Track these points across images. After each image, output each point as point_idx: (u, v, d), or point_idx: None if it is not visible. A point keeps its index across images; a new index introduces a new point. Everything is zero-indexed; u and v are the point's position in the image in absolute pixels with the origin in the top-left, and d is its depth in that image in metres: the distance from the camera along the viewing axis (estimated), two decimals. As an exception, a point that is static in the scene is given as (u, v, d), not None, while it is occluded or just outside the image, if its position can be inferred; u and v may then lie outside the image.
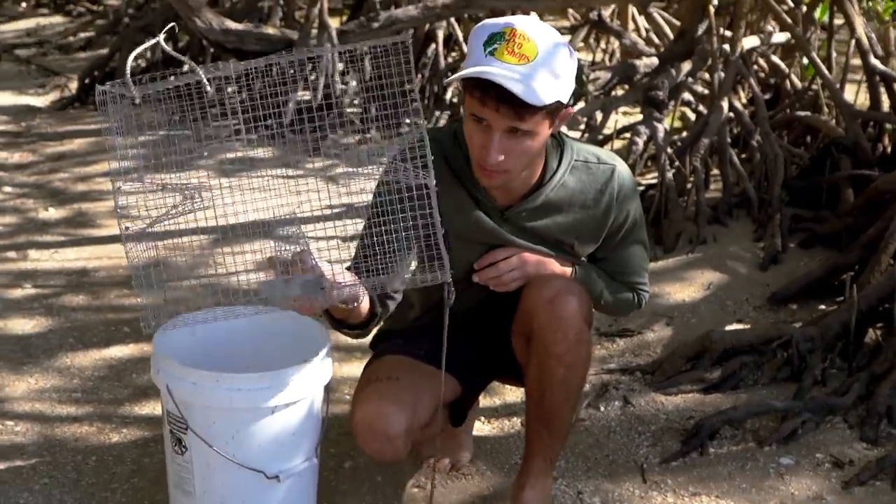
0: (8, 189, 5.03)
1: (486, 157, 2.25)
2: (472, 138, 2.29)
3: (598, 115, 4.59)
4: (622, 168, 2.51)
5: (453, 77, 2.31)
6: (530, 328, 2.46)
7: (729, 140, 4.61)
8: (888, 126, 4.48)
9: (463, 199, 2.41)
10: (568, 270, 2.51)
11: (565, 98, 2.27)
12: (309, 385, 2.38)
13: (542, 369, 2.46)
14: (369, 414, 2.37)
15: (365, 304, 2.33)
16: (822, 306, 3.71)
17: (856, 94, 5.00)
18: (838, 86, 4.58)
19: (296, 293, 2.11)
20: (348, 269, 2.36)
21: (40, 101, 6.62)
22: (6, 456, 2.87)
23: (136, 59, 2.15)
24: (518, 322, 2.51)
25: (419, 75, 6.39)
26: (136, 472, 2.80)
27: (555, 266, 2.49)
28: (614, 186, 2.48)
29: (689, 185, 4.32)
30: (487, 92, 2.17)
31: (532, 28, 2.22)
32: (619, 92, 5.01)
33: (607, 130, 4.89)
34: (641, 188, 4.53)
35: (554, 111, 2.26)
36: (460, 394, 2.64)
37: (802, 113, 4.85)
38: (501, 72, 2.16)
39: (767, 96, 5.38)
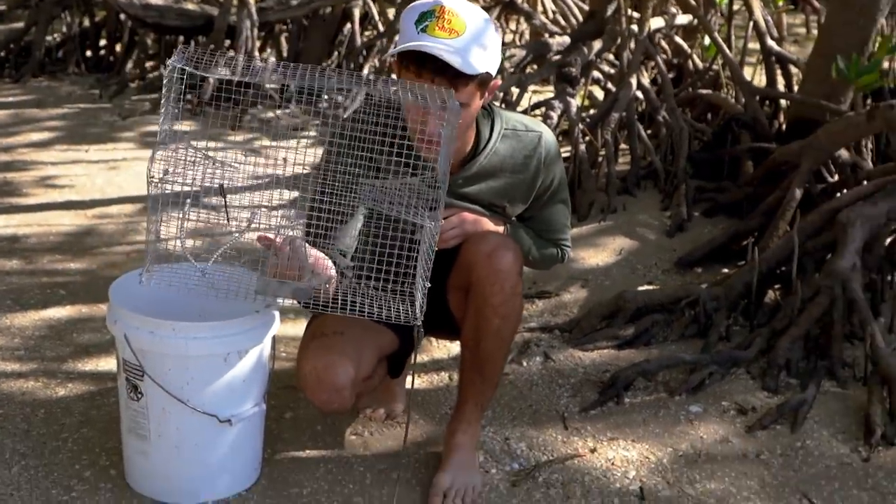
0: (-70, 159, 5.02)
1: (425, 129, 2.38)
2: (409, 112, 2.42)
3: (514, 91, 4.76)
4: (548, 134, 2.68)
5: (389, 52, 2.44)
6: (469, 281, 2.61)
7: (636, 116, 4.83)
8: (783, 103, 4.74)
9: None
10: (501, 228, 2.67)
11: (493, 69, 2.43)
12: (258, 335, 2.50)
13: (480, 319, 2.61)
14: (317, 366, 2.50)
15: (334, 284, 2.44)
16: (725, 269, 3.94)
17: (752, 74, 5.25)
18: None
19: (286, 295, 2.24)
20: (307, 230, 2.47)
21: (-46, 72, 6.56)
22: (-45, 409, 2.94)
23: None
24: (455, 276, 2.66)
25: (336, 52, 6.49)
26: (85, 422, 2.89)
27: (490, 224, 2.65)
28: (541, 151, 2.65)
29: (600, 158, 4.52)
30: (423, 65, 2.33)
31: (459, 5, 2.39)
32: (533, 69, 5.19)
33: (522, 105, 5.07)
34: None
35: (484, 82, 2.42)
36: (398, 347, 2.78)
37: (704, 91, 5.09)
38: (435, 45, 2.32)
39: (671, 75, 5.62)
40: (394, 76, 2.44)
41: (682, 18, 5.31)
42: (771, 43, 4.84)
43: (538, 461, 2.84)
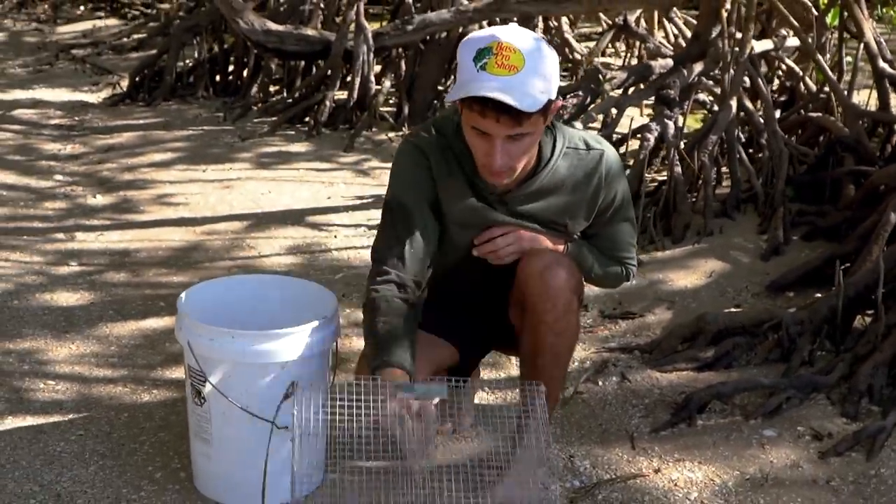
0: (59, 177, 5.28)
1: (492, 162, 2.42)
2: (475, 147, 2.45)
3: (613, 112, 4.75)
4: (609, 152, 2.68)
5: (452, 97, 2.39)
6: (524, 298, 2.63)
7: (742, 139, 4.76)
8: (896, 126, 4.61)
9: (463, 187, 2.57)
10: (560, 246, 2.68)
11: (553, 93, 2.42)
12: (315, 344, 2.57)
13: (535, 336, 2.63)
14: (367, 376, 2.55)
15: None
16: (819, 295, 3.84)
17: (868, 97, 5.12)
18: (847, 88, 4.71)
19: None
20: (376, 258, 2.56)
21: (93, 97, 6.88)
22: (46, 410, 3.10)
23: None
24: (514, 293, 2.68)
25: (453, 76, 6.58)
26: (164, 427, 3.01)
27: (547, 241, 2.66)
28: (602, 170, 2.64)
29: (700, 181, 4.47)
30: (486, 105, 2.33)
31: (514, 37, 2.35)
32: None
33: (622, 127, 5.07)
34: (653, 185, 4.69)
35: (546, 108, 2.44)
36: (458, 361, 2.82)
37: (814, 114, 4.98)
38: (496, 86, 2.30)
39: (784, 98, 5.53)
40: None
41: (793, 41, 5.22)
42: (883, 65, 4.71)
43: (600, 479, 2.84)
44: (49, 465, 2.83)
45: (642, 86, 4.87)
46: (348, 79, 6.22)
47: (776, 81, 5.75)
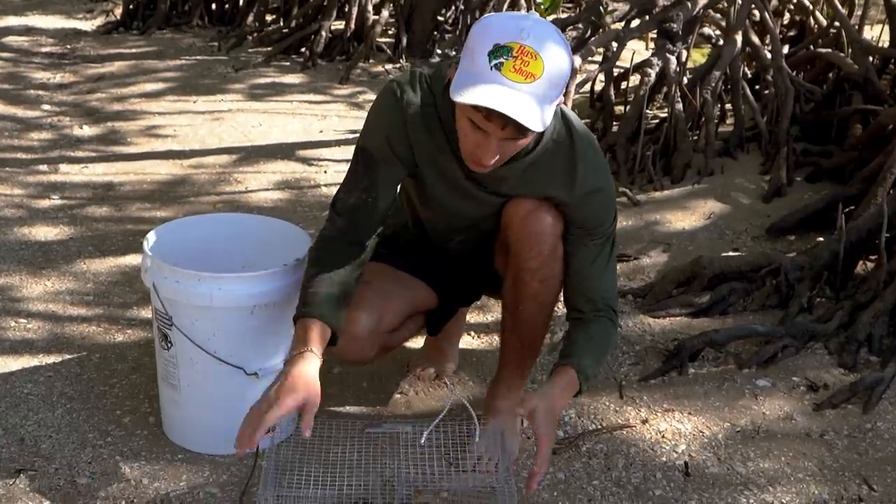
0: (47, 107, 5.15)
1: (480, 157, 2.21)
2: (465, 135, 2.21)
3: (613, 46, 4.58)
4: (593, 158, 2.40)
5: (459, 94, 2.10)
6: (508, 243, 2.50)
7: (749, 75, 4.59)
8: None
9: (443, 151, 2.36)
10: (575, 387, 2.42)
11: (561, 96, 2.20)
12: (286, 288, 2.45)
13: (517, 283, 2.50)
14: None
15: None
16: (821, 238, 3.71)
17: (880, 32, 4.93)
18: (858, 23, 4.52)
19: None
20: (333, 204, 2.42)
21: (87, 25, 6.72)
22: (16, 350, 2.99)
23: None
24: (499, 238, 2.56)
25: (453, 7, 6.40)
26: (136, 369, 2.91)
27: (563, 399, 2.44)
28: (581, 173, 2.36)
29: (701, 118, 4.32)
30: (493, 111, 2.09)
31: (538, 40, 2.08)
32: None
33: (624, 61, 4.90)
34: (654, 122, 4.53)
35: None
36: (436, 305, 2.70)
37: (823, 50, 4.80)
38: (508, 94, 2.07)
39: (793, 33, 5.34)
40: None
41: (802, -28, 5.02)
42: (897, -1, 4.52)
43: (585, 430, 2.73)
44: (15, 407, 2.73)
45: (646, 18, 4.68)
46: (346, 8, 6.04)
47: (786, 16, 5.56)
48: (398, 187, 2.44)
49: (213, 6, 6.74)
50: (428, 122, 2.33)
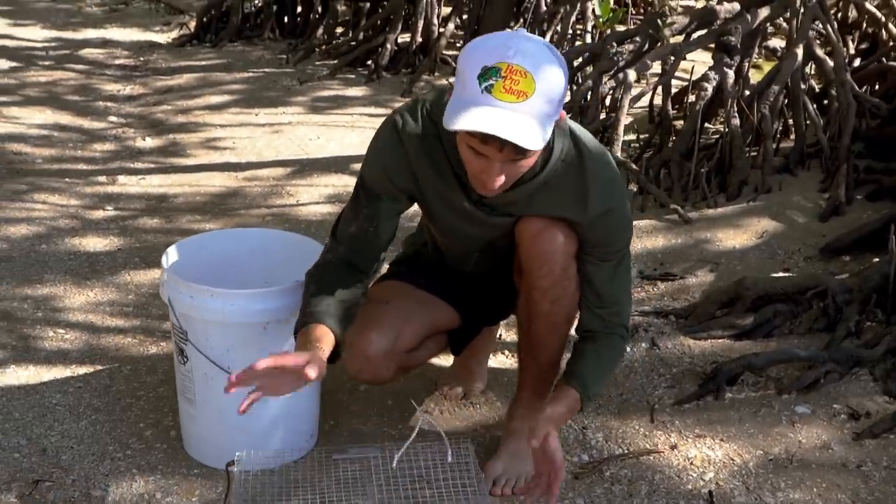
0: (113, 119, 5.23)
1: (485, 182, 2.16)
2: (469, 163, 2.16)
3: (670, 60, 4.48)
4: (601, 166, 2.33)
5: (451, 122, 2.04)
6: (520, 262, 2.46)
7: (816, 90, 4.45)
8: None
9: (447, 181, 2.32)
10: (577, 408, 2.36)
11: (560, 111, 2.15)
12: (297, 305, 2.42)
13: (529, 302, 2.45)
14: (351, 334, 2.40)
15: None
16: (877, 259, 3.57)
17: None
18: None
19: None
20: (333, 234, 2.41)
21: (162, 37, 6.82)
22: (50, 360, 3.03)
23: None
24: (515, 257, 2.51)
25: (521, 19, 6.35)
26: (164, 382, 2.92)
27: (564, 420, 2.40)
28: (593, 193, 2.30)
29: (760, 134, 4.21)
30: (488, 135, 2.04)
31: (525, 57, 2.03)
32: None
33: (683, 73, 4.80)
34: (712, 138, 4.43)
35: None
36: (459, 324, 2.66)
37: (895, 63, 4.65)
38: (501, 116, 2.02)
39: (865, 46, 5.18)
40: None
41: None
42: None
43: (611, 454, 2.67)
44: (41, 417, 2.76)
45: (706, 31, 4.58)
46: (412, 21, 6.04)
47: (863, 27, 5.40)
48: (399, 218, 2.41)
49: (286, 19, 6.79)
50: (430, 152, 2.29)
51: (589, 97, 4.65)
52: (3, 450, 2.62)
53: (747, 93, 4.36)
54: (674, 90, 4.64)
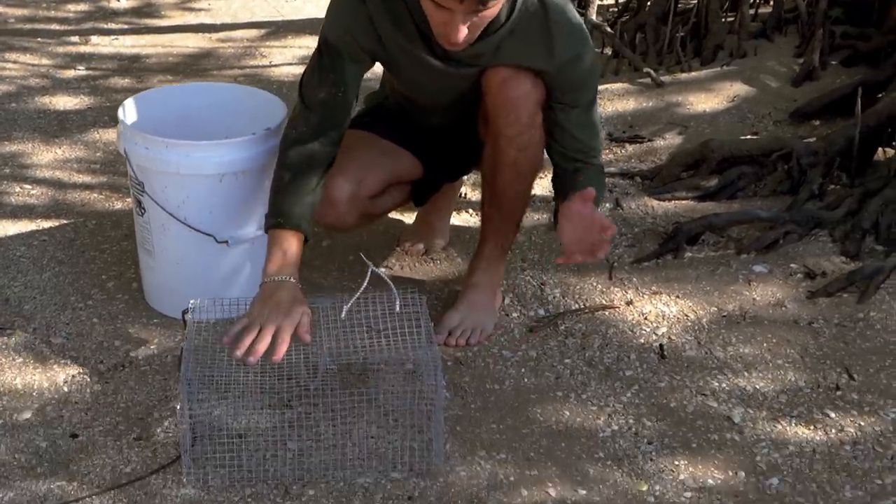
0: (86, -21, 5.15)
1: (449, 36, 2.14)
2: (431, 16, 2.15)
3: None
4: (569, 23, 2.33)
5: None
6: (486, 111, 2.45)
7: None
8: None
9: (411, 38, 2.31)
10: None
11: None
12: (256, 157, 2.44)
13: (495, 151, 2.46)
14: None
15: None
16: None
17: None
18: None
19: None
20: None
21: None
22: (16, 215, 3.05)
23: None
24: (480, 107, 2.50)
25: None
26: (128, 236, 2.93)
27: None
28: (556, 30, 2.30)
29: (738, -2, 4.15)
30: None
31: None
32: None
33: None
34: (690, 3, 4.37)
35: None
36: (422, 175, 2.67)
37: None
38: None
39: None
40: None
41: None
42: None
43: (567, 309, 2.70)
44: (5, 269, 2.79)
45: None
46: None
47: None
48: (361, 80, 2.40)
49: None
50: (392, 9, 2.28)
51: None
52: (-35, 299, 2.66)
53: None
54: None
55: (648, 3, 4.22)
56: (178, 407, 2.02)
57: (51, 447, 2.19)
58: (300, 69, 4.08)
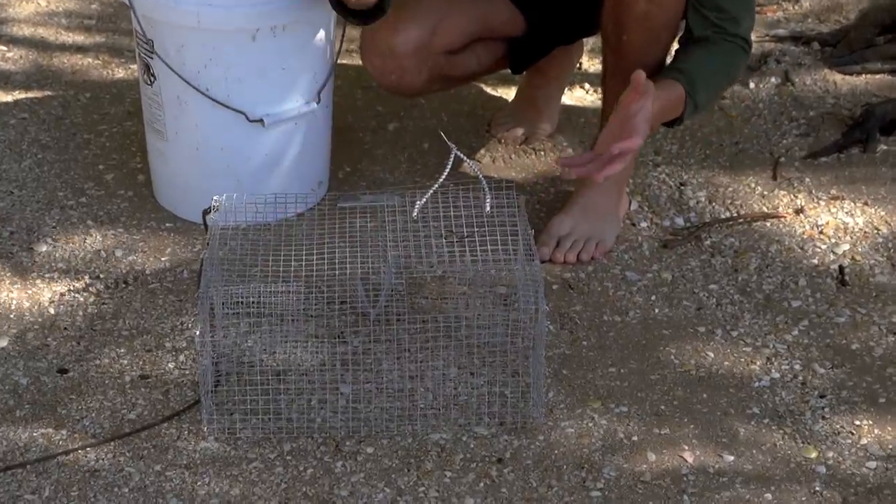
0: None
1: None
2: None
3: None
4: None
5: None
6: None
7: None
8: None
9: None
10: (677, 110, 2.40)
11: None
12: (302, 6, 2.45)
13: (620, 4, 2.45)
14: (377, 24, 2.41)
15: None
16: None
17: None
18: None
19: None
20: None
21: None
22: (-13, 85, 3.13)
23: None
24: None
25: None
26: (134, 114, 2.98)
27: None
28: None
29: None
30: None
31: None
32: None
33: None
34: None
35: None
36: (524, 31, 2.68)
37: None
38: None
39: None
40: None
41: None
42: None
43: (715, 217, 2.71)
44: (-28, 157, 2.87)
45: None
46: None
47: None
48: None
49: None
50: None
51: None
52: (-76, 192, 2.74)
53: None
54: None
55: None
56: (197, 335, 2.06)
57: (33, 384, 2.26)
58: None
